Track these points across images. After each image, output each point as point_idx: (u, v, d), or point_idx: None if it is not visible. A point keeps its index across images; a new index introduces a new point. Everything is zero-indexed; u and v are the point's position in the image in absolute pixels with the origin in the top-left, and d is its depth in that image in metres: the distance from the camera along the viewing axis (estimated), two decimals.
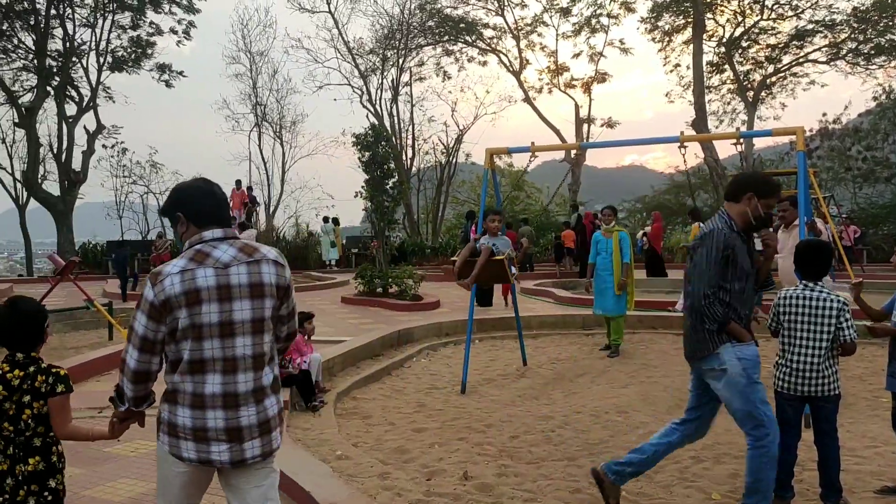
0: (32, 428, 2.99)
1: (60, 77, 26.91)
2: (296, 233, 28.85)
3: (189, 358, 2.70)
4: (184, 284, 2.67)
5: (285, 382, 6.58)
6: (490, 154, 8.07)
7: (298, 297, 13.87)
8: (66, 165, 26.50)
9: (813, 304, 4.34)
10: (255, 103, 32.33)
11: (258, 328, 2.79)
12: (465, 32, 32.12)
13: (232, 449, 2.73)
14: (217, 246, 2.80)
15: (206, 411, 2.71)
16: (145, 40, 28.08)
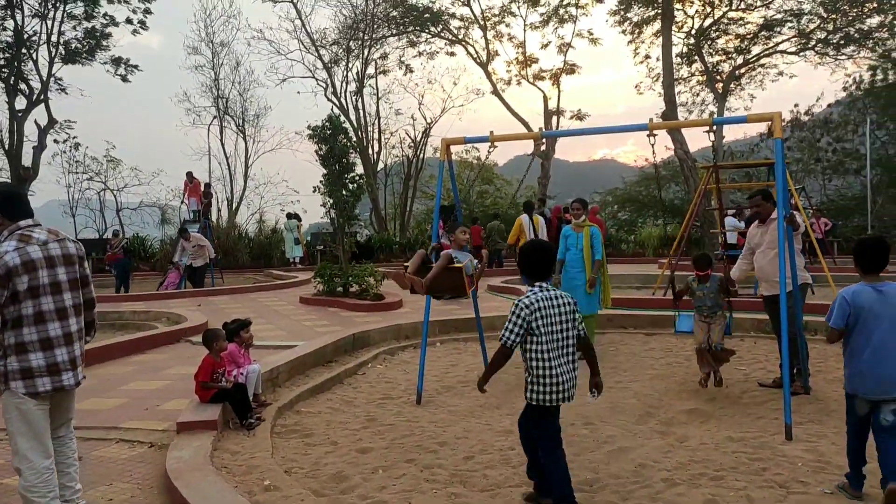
0: None
1: (9, 70, 25.77)
2: (259, 230, 28.01)
3: (32, 312, 3.70)
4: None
5: (217, 398, 5.93)
6: (446, 145, 7.46)
7: (258, 296, 13.13)
8: (16, 161, 25.41)
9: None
10: (217, 96, 31.39)
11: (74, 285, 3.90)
12: (431, 23, 31.43)
13: (74, 374, 3.88)
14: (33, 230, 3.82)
15: (54, 351, 3.76)
16: (100, 31, 27.01)
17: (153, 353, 9.52)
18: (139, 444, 5.62)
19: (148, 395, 7.14)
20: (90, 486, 4.76)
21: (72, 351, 3.83)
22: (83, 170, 29.54)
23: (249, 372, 6.34)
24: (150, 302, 15.17)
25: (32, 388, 3.70)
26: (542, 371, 4.02)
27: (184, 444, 5.20)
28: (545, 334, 3.98)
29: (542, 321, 3.97)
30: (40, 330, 3.71)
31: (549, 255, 4.26)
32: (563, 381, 4.04)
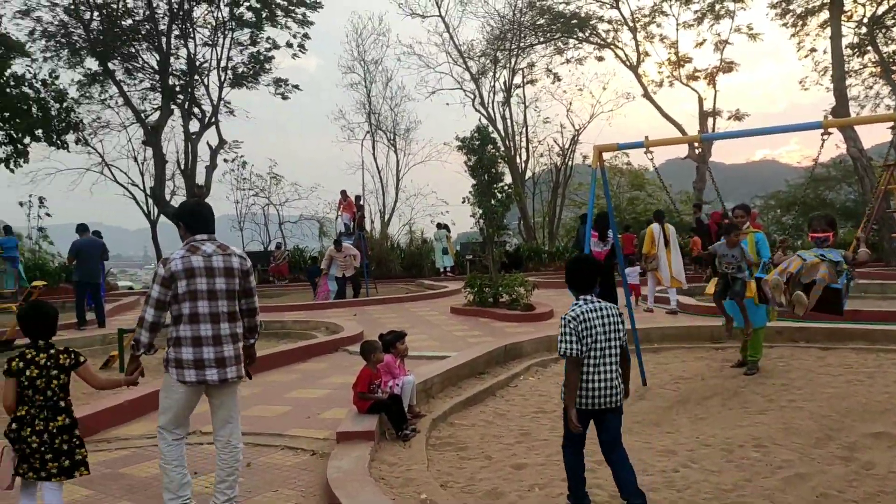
0: (58, 395, 4.12)
1: (184, 95, 27.96)
2: (409, 240, 28.67)
3: (188, 312, 4.30)
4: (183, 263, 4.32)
5: (373, 409, 6.04)
6: (598, 151, 7.25)
7: (410, 306, 13.36)
8: (191, 180, 27.49)
9: None
10: (370, 112, 32.52)
11: (231, 295, 4.42)
12: (578, 28, 31.00)
13: (220, 372, 4.34)
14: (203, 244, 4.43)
15: (203, 348, 4.30)
16: (263, 55, 28.75)
17: (313, 362, 9.89)
18: (302, 452, 5.81)
19: (309, 403, 7.41)
20: (258, 492, 4.97)
21: (220, 351, 4.33)
22: (249, 186, 31.54)
23: (405, 383, 6.41)
24: (310, 312, 15.86)
25: (181, 377, 4.30)
26: (586, 378, 4.20)
27: (343, 453, 5.32)
28: (590, 344, 4.18)
29: (585, 332, 4.17)
30: (193, 329, 4.30)
31: (591, 268, 4.42)
32: (597, 387, 4.18)
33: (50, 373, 4.09)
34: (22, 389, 4.05)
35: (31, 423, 4.05)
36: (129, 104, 27.38)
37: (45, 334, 4.18)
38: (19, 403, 4.07)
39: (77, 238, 14.23)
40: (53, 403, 4.09)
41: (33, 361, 4.08)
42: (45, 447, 4.04)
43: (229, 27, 27.76)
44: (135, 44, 27.22)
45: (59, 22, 26.41)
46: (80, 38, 26.55)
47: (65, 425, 4.11)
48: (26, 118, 26.19)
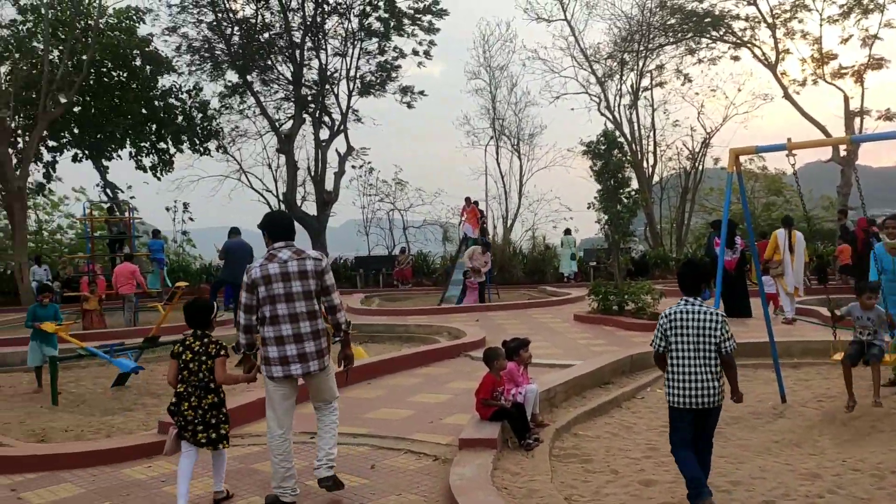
0: (208, 377, 4.85)
1: (316, 105, 29.02)
2: (532, 246, 28.45)
3: (269, 315, 4.79)
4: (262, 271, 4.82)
5: (496, 416, 5.97)
6: (734, 155, 6.88)
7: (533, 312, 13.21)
8: (321, 186, 28.47)
9: None
10: (494, 117, 32.56)
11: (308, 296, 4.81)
12: (712, 27, 29.80)
13: (303, 366, 4.80)
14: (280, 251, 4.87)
15: (284, 346, 4.76)
16: (390, 64, 29.41)
17: (436, 367, 9.95)
18: (425, 457, 5.83)
19: (432, 408, 7.43)
20: (382, 495, 5.00)
21: (301, 348, 4.77)
22: (375, 192, 32.29)
23: (528, 391, 6.31)
24: (433, 316, 16.01)
25: (269, 373, 4.82)
26: (671, 374, 4.50)
27: (466, 460, 5.28)
28: (676, 342, 4.44)
29: (675, 331, 4.44)
30: (275, 329, 4.77)
31: (696, 271, 4.67)
32: (690, 387, 4.40)
33: (201, 358, 4.85)
34: (181, 370, 4.86)
35: (188, 399, 4.81)
36: (265, 114, 28.70)
37: (201, 325, 4.97)
38: (179, 382, 4.86)
39: (227, 240, 15.05)
40: (205, 384, 4.83)
41: (190, 347, 4.89)
42: (198, 420, 4.80)
43: (358, 37, 28.58)
44: (271, 56, 28.52)
45: (203, 37, 28.08)
46: (222, 52, 28.10)
47: (214, 403, 4.86)
48: (173, 128, 28.07)
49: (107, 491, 5.37)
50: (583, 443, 6.22)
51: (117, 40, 26.05)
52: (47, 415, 8.02)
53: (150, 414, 7.81)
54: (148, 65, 27.24)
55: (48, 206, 30.48)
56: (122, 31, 26.53)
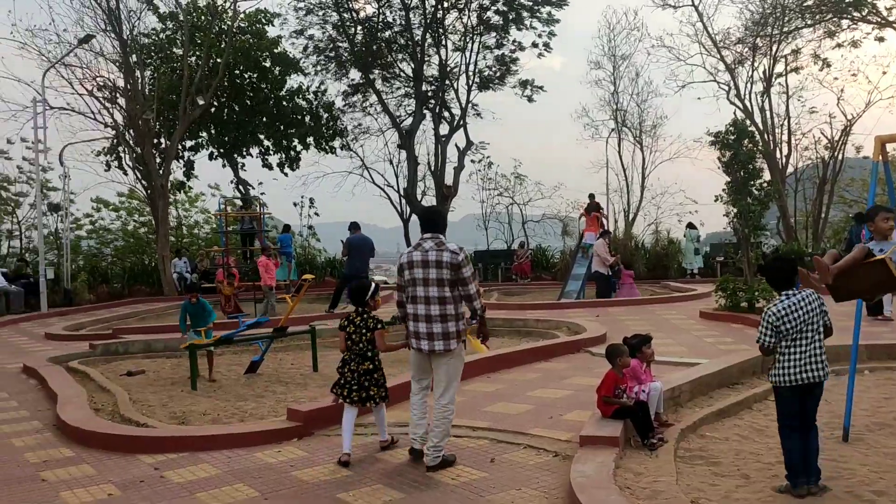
0: (366, 347, 5.84)
1: (435, 100, 29.35)
2: (655, 240, 27.64)
3: (410, 295, 5.52)
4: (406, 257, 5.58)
5: (618, 414, 5.84)
6: (880, 143, 6.40)
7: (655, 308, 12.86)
8: (440, 181, 28.79)
9: None
10: (616, 109, 31.86)
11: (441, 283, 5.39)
12: (854, 7, 27.87)
13: (429, 343, 5.42)
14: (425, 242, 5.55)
15: (417, 324, 5.45)
16: (509, 57, 29.32)
17: (555, 362, 9.85)
18: (544, 452, 5.78)
19: (551, 403, 7.37)
20: (501, 488, 5.01)
21: (429, 327, 5.40)
22: (494, 186, 32.32)
23: (651, 390, 6.13)
24: (552, 311, 15.87)
25: (410, 344, 5.61)
26: (783, 358, 4.71)
27: (587, 458, 5.20)
28: (791, 332, 4.66)
29: (790, 324, 4.64)
30: (414, 308, 5.51)
31: (786, 265, 4.88)
32: (804, 366, 4.67)
33: (361, 330, 5.85)
34: (347, 339, 5.89)
35: (350, 363, 5.87)
36: (386, 111, 29.29)
37: (362, 303, 5.96)
38: (347, 350, 5.91)
39: (349, 234, 15.54)
40: (362, 353, 5.85)
41: (353, 321, 5.92)
42: (354, 381, 5.83)
43: (477, 32, 28.65)
44: (392, 54, 29.07)
45: (328, 38, 28.97)
46: (346, 52, 28.90)
47: (368, 369, 5.84)
48: (301, 127, 29.16)
49: (240, 473, 5.65)
50: (710, 445, 5.98)
51: (248, 43, 27.31)
52: (187, 399, 8.52)
53: (279, 401, 8.15)
54: (277, 66, 28.40)
55: (186, 203, 32.37)
56: (253, 35, 27.78)
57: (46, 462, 6.21)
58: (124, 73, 23.64)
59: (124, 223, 31.30)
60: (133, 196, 30.01)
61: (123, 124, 24.19)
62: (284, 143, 29.41)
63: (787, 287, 4.76)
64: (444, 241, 5.52)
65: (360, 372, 5.83)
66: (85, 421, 7.14)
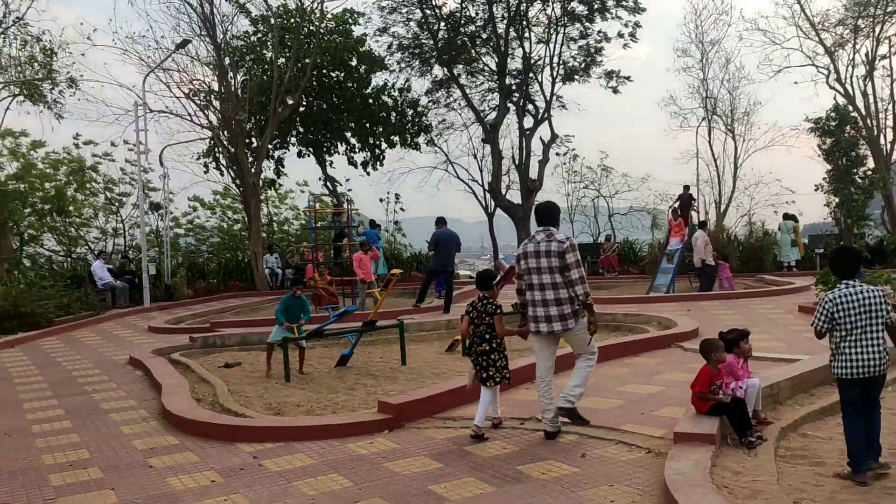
0: (486, 331, 6.28)
1: (519, 93, 29.19)
2: (749, 232, 26.70)
3: (526, 283, 6.05)
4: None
5: (714, 411, 5.68)
6: None
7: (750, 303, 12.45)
8: (525, 174, 28.63)
9: None
10: (705, 97, 30.94)
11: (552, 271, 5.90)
12: None
13: (548, 325, 5.95)
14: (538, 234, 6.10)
15: (535, 308, 5.96)
16: (594, 48, 28.85)
17: (645, 357, 9.67)
18: (637, 449, 5.68)
19: (642, 399, 7.23)
20: (593, 484, 4.95)
21: (546, 311, 5.91)
22: (580, 179, 31.93)
23: (749, 386, 5.94)
24: (641, 305, 15.56)
25: (530, 328, 6.09)
26: (839, 351, 4.83)
27: (681, 455, 5.08)
28: (844, 322, 4.76)
29: (843, 312, 4.76)
30: (531, 294, 6.02)
31: (849, 256, 5.07)
32: (861, 359, 4.74)
33: (482, 315, 6.33)
34: (470, 324, 6.42)
35: (472, 346, 6.43)
36: (470, 106, 29.33)
37: (485, 289, 6.44)
38: (470, 334, 6.45)
39: (436, 230, 15.68)
40: (481, 335, 6.31)
41: (475, 307, 6.38)
42: (475, 362, 6.34)
43: (561, 23, 28.31)
44: (476, 48, 29.07)
45: (412, 35, 29.24)
46: (429, 49, 29.09)
47: (485, 350, 6.26)
48: (386, 125, 29.53)
49: (334, 463, 5.79)
50: (812, 444, 5.75)
51: (335, 43, 27.83)
52: (281, 390, 8.79)
53: (369, 393, 8.30)
54: (362, 65, 28.85)
55: (276, 200, 33.30)
56: (340, 35, 28.29)
57: (153, 449, 6.53)
58: (218, 76, 24.48)
59: (219, 221, 32.47)
60: (227, 194, 31.09)
61: (218, 125, 25.07)
62: (370, 140, 29.84)
63: (847, 277, 4.89)
64: (554, 233, 6.02)
65: (478, 353, 6.28)
66: (187, 410, 7.47)
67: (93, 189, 29.96)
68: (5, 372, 11.33)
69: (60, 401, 8.93)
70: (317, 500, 4.99)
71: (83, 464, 6.18)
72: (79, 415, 8.10)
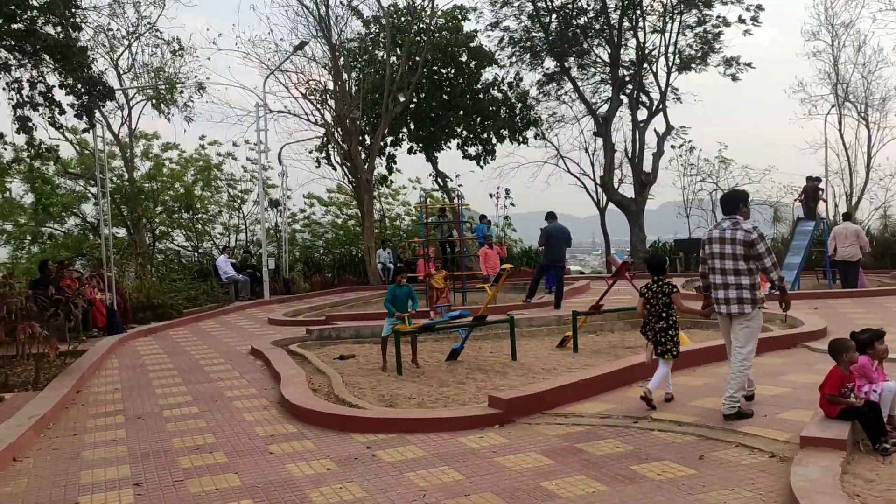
0: (662, 309, 6.97)
1: (633, 85, 28.48)
2: (883, 226, 25.01)
3: (708, 267, 6.45)
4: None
5: (844, 415, 5.35)
6: None
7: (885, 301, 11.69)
8: (638, 168, 27.92)
9: None
10: (836, 82, 29.19)
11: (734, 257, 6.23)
12: None
13: (727, 307, 6.28)
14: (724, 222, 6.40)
15: (716, 291, 6.35)
16: (712, 34, 27.74)
17: (768, 357, 9.22)
18: (759, 452, 5.42)
19: (765, 400, 6.89)
20: (712, 487, 4.77)
21: (726, 294, 6.26)
22: (696, 171, 30.84)
23: (884, 390, 5.54)
24: None
25: (714, 310, 6.47)
26: None
27: (808, 460, 4.81)
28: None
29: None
30: (713, 277, 6.40)
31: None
32: None
33: (658, 296, 6.98)
34: (645, 304, 7.06)
35: (648, 324, 7.08)
36: (582, 98, 28.87)
37: (659, 273, 7.10)
38: (646, 313, 7.09)
39: (546, 224, 15.55)
40: (657, 314, 6.97)
41: (650, 288, 7.03)
42: (650, 338, 7.03)
43: (678, 10, 27.38)
44: (588, 40, 28.57)
45: (523, 28, 29.05)
46: (540, 42, 28.83)
47: (662, 328, 6.92)
48: (496, 119, 29.51)
49: (445, 456, 5.84)
50: None
51: (446, 40, 28.04)
52: (394, 383, 8.94)
53: (480, 388, 8.31)
54: (473, 60, 28.93)
55: (389, 196, 33.93)
56: (450, 31, 28.48)
57: (273, 436, 6.79)
58: (333, 76, 25.18)
59: (334, 217, 33.43)
60: (341, 191, 31.96)
61: (332, 123, 25.81)
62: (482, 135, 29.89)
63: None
64: (741, 222, 6.31)
65: (655, 330, 6.93)
66: (305, 400, 7.72)
67: (217, 187, 31.51)
68: (140, 359, 12.08)
69: (188, 387, 9.44)
70: (428, 491, 5.04)
71: (209, 448, 6.49)
72: (205, 401, 8.53)
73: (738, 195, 6.70)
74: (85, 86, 12.81)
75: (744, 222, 6.34)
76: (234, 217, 32.33)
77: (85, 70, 12.72)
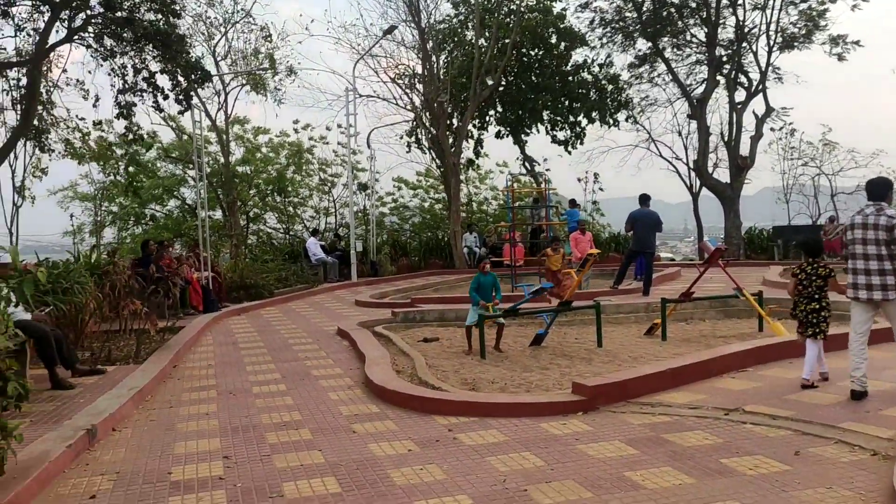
0: (815, 291, 6.98)
1: (731, 65, 27.39)
2: None
3: (850, 252, 6.50)
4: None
5: None
6: None
7: None
8: (735, 151, 26.89)
9: None
10: None
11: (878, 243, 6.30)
12: None
13: (867, 293, 6.39)
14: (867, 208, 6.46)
15: (857, 276, 6.44)
16: (816, 11, 26.34)
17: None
18: (860, 450, 5.13)
19: (868, 395, 6.53)
20: (808, 484, 4.54)
21: (868, 279, 6.34)
22: (798, 156, 29.48)
23: None
24: None
25: (849, 294, 6.58)
26: None
27: None
28: None
29: None
30: (852, 262, 6.50)
31: None
32: None
33: (811, 277, 6.99)
34: (798, 285, 7.09)
35: (800, 304, 7.08)
36: (675, 80, 28.00)
37: (814, 255, 7.09)
38: (797, 294, 7.10)
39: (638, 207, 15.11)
40: (810, 295, 7.00)
41: (804, 270, 7.05)
42: (802, 318, 7.05)
43: None
44: (683, 19, 27.63)
45: (615, 8, 28.32)
46: (633, 22, 28.06)
47: (815, 308, 6.97)
48: (586, 102, 28.97)
49: (527, 441, 5.78)
50: None
51: (535, 21, 27.67)
52: (477, 367, 8.92)
53: (563, 374, 8.20)
54: (562, 41, 28.44)
55: (476, 180, 33.89)
56: (540, 12, 28.08)
57: (356, 416, 6.89)
58: (422, 60, 25.28)
59: (421, 200, 33.67)
60: (429, 175, 32.13)
61: (420, 107, 25.93)
62: (569, 118, 29.41)
63: None
64: (885, 208, 6.34)
65: (807, 311, 6.98)
66: (388, 381, 7.79)
67: (308, 171, 32.23)
68: (233, 337, 12.50)
69: (277, 365, 9.70)
70: (508, 476, 5.00)
71: (295, 424, 6.65)
72: (292, 379, 8.74)
73: (888, 181, 6.71)
74: (184, 71, 13.29)
75: (888, 208, 6.36)
76: (324, 200, 33.02)
77: (183, 56, 13.19)
